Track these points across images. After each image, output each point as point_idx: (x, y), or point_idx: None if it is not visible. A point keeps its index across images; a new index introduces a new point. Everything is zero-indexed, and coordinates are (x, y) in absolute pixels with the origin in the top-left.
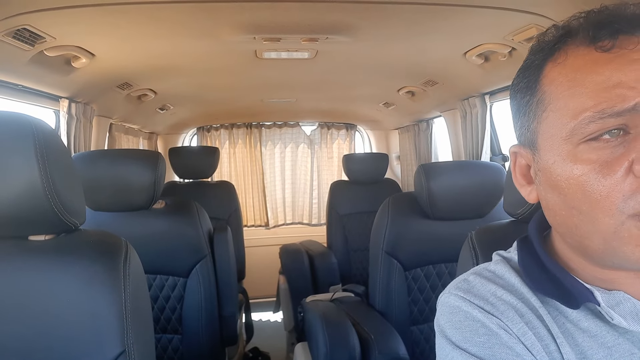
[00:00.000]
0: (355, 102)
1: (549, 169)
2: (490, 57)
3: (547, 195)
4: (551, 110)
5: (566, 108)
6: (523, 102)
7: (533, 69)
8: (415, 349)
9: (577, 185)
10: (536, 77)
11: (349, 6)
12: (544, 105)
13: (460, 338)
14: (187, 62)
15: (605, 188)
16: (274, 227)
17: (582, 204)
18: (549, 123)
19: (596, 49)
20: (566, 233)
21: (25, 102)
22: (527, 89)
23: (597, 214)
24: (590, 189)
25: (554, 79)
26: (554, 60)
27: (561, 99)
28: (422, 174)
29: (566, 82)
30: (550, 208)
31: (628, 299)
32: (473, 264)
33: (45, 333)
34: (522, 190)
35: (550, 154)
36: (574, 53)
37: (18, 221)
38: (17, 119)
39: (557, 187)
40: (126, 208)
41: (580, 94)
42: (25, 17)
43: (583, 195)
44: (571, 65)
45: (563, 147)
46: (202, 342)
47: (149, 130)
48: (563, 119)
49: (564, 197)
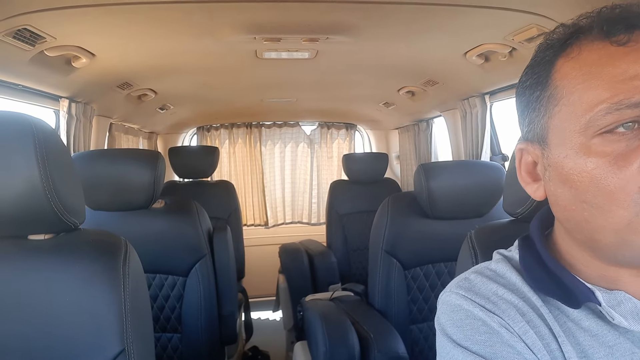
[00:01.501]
0: (355, 102)
1: (560, 163)
2: (491, 57)
3: (557, 190)
4: (564, 105)
5: (580, 101)
6: (533, 97)
7: (543, 64)
8: (415, 347)
9: (590, 179)
10: (547, 73)
11: (349, 6)
12: (556, 100)
13: (461, 336)
14: (188, 62)
15: (620, 180)
16: (274, 227)
17: (595, 197)
18: (561, 117)
19: (611, 43)
20: (575, 228)
21: (25, 102)
22: (537, 84)
23: (610, 207)
24: (605, 181)
25: (567, 74)
26: (566, 55)
27: (575, 92)
28: (422, 173)
29: (581, 76)
30: (560, 203)
31: (629, 299)
32: (472, 263)
33: (45, 332)
34: (528, 187)
35: (562, 148)
36: (588, 48)
37: (18, 220)
38: (17, 119)
39: (568, 180)
40: (126, 207)
41: (596, 86)
42: (25, 17)
43: (597, 189)
44: (585, 59)
45: (576, 140)
46: (202, 341)
47: (149, 129)
48: (577, 112)
49: (575, 191)
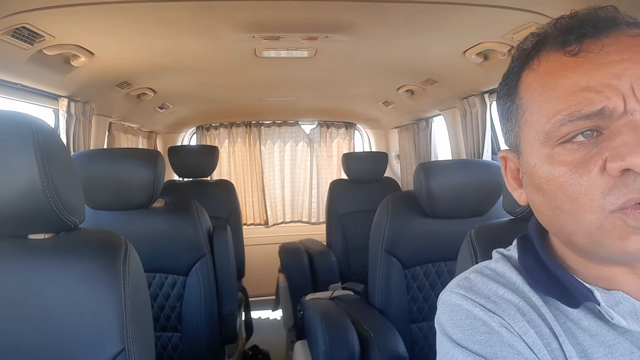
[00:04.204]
0: (354, 101)
1: (531, 172)
2: (490, 56)
3: (534, 197)
4: (529, 115)
5: (540, 112)
6: (505, 108)
7: (512, 76)
8: (415, 346)
9: (557, 186)
10: (515, 84)
11: (348, 5)
12: (522, 111)
13: (461, 336)
14: (187, 61)
15: (582, 187)
16: (274, 226)
17: (564, 203)
18: (527, 127)
19: (564, 54)
20: (555, 232)
21: (24, 101)
22: (507, 95)
23: (579, 212)
24: (570, 188)
25: (529, 85)
26: (529, 67)
27: (536, 104)
28: (422, 172)
29: (539, 88)
30: (537, 209)
31: (627, 299)
32: (472, 262)
33: (45, 331)
34: (514, 193)
35: (531, 157)
36: (545, 59)
37: (18, 220)
38: (17, 118)
39: (540, 188)
40: (126, 207)
41: (552, 98)
42: (24, 16)
43: (564, 195)
44: (543, 70)
45: (541, 150)
46: (202, 340)
47: (149, 129)
48: (539, 123)
49: (547, 198)
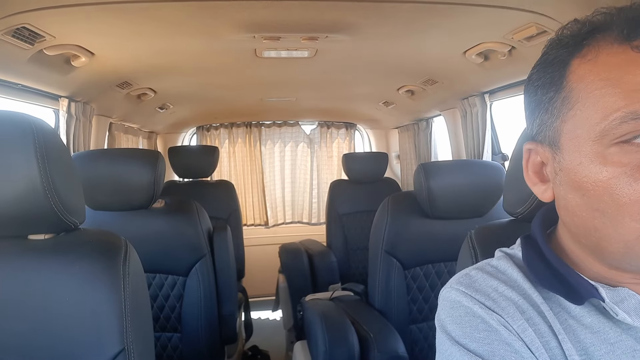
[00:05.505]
0: (354, 101)
1: (573, 170)
2: (490, 56)
3: (568, 195)
4: (579, 109)
5: (595, 107)
6: (545, 98)
7: (557, 64)
8: (414, 347)
9: (604, 188)
10: (561, 74)
11: (348, 5)
12: (570, 104)
13: (459, 333)
14: (187, 61)
15: (635, 192)
16: (274, 226)
17: (608, 207)
18: (575, 122)
19: (632, 48)
20: (582, 234)
21: (24, 101)
22: (550, 84)
23: (623, 218)
24: (620, 192)
25: (583, 77)
26: (582, 56)
27: (591, 98)
28: (422, 173)
29: (598, 81)
30: (570, 209)
31: (633, 295)
32: (472, 262)
33: (45, 331)
34: (535, 188)
35: (575, 155)
36: (606, 50)
37: (18, 220)
38: (17, 119)
39: (581, 188)
40: (126, 207)
41: (612, 93)
42: (24, 16)
43: (610, 199)
44: (604, 63)
45: (591, 149)
46: (202, 340)
47: (149, 129)
48: (592, 119)
49: (587, 199)
